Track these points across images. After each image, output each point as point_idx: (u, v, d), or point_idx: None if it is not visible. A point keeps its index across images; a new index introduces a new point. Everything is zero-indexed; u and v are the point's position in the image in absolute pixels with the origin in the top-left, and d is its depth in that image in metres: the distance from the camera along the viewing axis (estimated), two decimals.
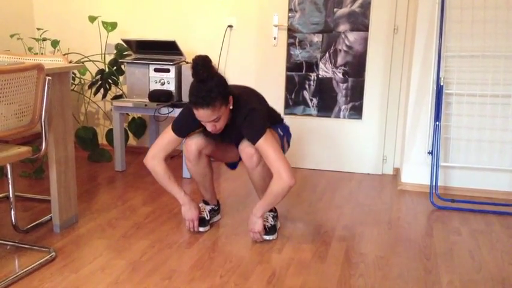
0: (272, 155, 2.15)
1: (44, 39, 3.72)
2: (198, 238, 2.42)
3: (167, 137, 2.32)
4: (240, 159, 2.39)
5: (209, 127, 2.17)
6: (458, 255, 2.30)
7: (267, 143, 2.15)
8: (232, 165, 2.67)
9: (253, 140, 2.17)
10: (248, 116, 2.17)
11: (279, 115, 2.52)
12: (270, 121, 2.39)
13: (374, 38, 3.43)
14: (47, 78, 2.10)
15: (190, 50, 3.77)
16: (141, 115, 3.97)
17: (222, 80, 2.11)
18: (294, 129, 3.68)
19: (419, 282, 2.04)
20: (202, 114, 2.10)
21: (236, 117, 2.20)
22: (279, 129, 2.44)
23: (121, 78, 3.85)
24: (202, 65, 2.05)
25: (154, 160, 2.33)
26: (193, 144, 2.35)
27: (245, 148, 2.25)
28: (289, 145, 2.56)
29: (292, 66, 3.60)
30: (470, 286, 2.02)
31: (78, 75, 3.88)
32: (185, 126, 2.31)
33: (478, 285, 2.03)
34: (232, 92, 2.19)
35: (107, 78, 3.68)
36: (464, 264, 2.21)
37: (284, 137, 2.47)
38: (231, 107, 2.17)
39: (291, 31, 3.55)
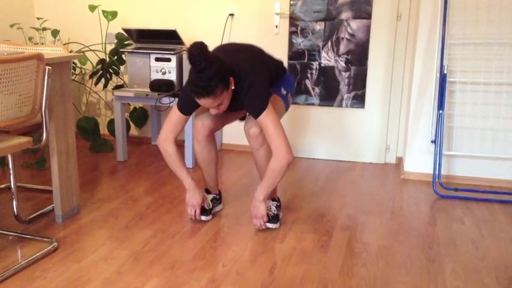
0: (272, 131, 2.16)
1: (44, 29, 3.70)
2: (200, 228, 2.42)
3: (175, 117, 2.33)
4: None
5: (213, 111, 2.18)
6: (461, 244, 2.29)
7: (268, 119, 2.16)
8: (243, 118, 2.68)
9: (255, 115, 2.18)
10: (249, 90, 2.15)
11: (282, 68, 2.48)
12: (274, 78, 2.38)
13: (377, 25, 3.39)
14: (47, 67, 2.09)
15: (191, 38, 3.74)
16: (142, 105, 3.96)
17: (220, 65, 2.07)
18: (296, 119, 3.66)
19: (422, 271, 2.03)
20: (204, 102, 2.10)
21: (238, 92, 2.19)
22: (282, 89, 2.42)
23: (122, 67, 3.83)
24: (199, 54, 2.01)
25: (166, 142, 2.35)
26: (203, 124, 2.38)
27: (250, 129, 2.27)
28: (292, 96, 2.55)
29: (294, 54, 3.57)
30: (473, 275, 2.02)
31: (78, 65, 3.86)
32: (189, 104, 2.30)
33: (481, 274, 2.03)
34: (232, 69, 2.15)
35: (108, 68, 3.66)
36: (467, 253, 2.20)
37: (288, 94, 2.46)
38: (232, 88, 2.16)
39: (293, 19, 3.52)
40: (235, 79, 2.16)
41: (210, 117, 2.39)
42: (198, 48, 2.02)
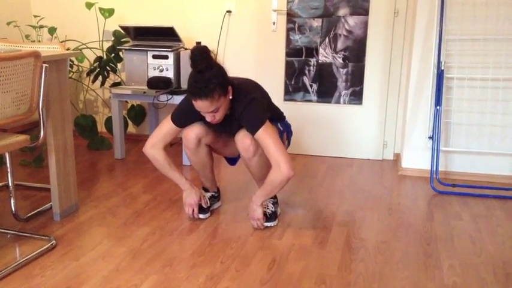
0: (271, 146, 2.13)
1: (41, 27, 3.69)
2: (198, 225, 2.42)
3: (166, 127, 2.32)
4: (240, 155, 2.38)
5: (208, 118, 2.16)
6: (459, 240, 2.30)
7: (266, 134, 2.13)
8: (232, 161, 2.65)
9: (253, 131, 2.15)
10: (248, 106, 2.15)
11: (281, 113, 2.49)
12: (273, 114, 2.38)
13: (374, 22, 3.39)
14: (44, 65, 2.09)
15: (188, 36, 3.74)
16: (140, 102, 3.95)
17: (220, 70, 2.09)
18: (294, 116, 3.66)
19: (420, 267, 2.04)
20: (200, 105, 2.09)
21: (236, 107, 2.18)
22: (278, 124, 2.41)
23: (119, 65, 3.83)
24: (200, 55, 2.03)
25: (153, 149, 2.33)
26: (192, 132, 2.33)
27: (241, 139, 2.23)
28: (289, 143, 2.53)
29: (292, 51, 3.57)
30: (471, 270, 2.02)
31: (76, 62, 3.85)
32: (185, 117, 2.30)
33: (478, 269, 2.03)
34: (232, 82, 2.17)
35: (105, 65, 3.65)
36: (465, 249, 2.21)
37: (284, 133, 2.44)
38: (230, 97, 2.16)
39: (290, 16, 3.52)
40: (234, 93, 2.17)
41: (200, 125, 2.34)
42: (200, 50, 2.04)
